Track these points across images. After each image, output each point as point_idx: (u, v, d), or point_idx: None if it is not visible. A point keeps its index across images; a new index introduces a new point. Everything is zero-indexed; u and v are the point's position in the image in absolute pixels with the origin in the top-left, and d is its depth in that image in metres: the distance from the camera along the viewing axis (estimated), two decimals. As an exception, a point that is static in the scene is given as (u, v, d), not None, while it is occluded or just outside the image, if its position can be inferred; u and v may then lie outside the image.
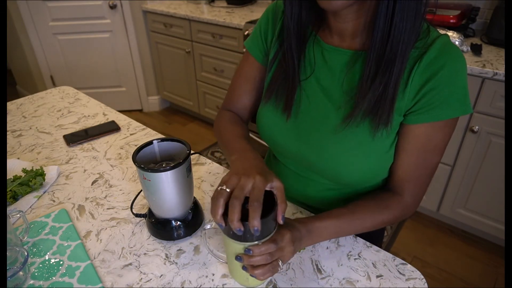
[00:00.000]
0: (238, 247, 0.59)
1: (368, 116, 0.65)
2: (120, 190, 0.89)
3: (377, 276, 0.66)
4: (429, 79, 0.61)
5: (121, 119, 1.20)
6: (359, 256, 0.70)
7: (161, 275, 0.67)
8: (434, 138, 0.66)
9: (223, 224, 0.56)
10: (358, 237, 0.75)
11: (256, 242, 0.58)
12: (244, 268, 0.59)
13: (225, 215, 0.55)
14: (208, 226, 0.64)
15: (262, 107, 0.80)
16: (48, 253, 0.71)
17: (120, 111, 1.27)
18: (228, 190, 0.56)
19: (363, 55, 0.66)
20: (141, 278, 0.67)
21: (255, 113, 0.86)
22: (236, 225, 0.53)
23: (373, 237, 0.79)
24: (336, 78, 0.70)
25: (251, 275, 0.60)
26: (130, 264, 0.70)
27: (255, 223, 0.53)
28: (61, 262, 0.69)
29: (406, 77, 0.63)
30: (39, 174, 0.89)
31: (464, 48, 1.66)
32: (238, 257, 0.59)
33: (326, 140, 0.71)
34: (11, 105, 1.31)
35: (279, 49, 0.74)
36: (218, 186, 0.57)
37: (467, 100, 0.63)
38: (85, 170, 0.96)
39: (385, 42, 0.59)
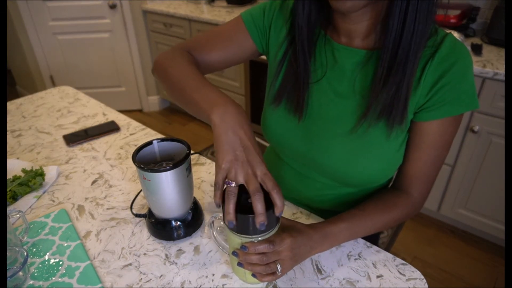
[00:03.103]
0: (237, 241, 0.59)
1: (383, 117, 0.65)
2: (120, 190, 0.89)
3: (377, 276, 0.66)
4: (441, 75, 0.62)
5: (121, 119, 1.20)
6: (359, 256, 0.70)
7: (161, 275, 0.67)
8: (445, 133, 0.67)
9: (234, 222, 0.56)
10: (358, 238, 0.75)
11: (252, 238, 0.58)
12: (239, 264, 0.60)
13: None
14: (213, 218, 0.65)
15: (272, 109, 0.78)
16: (47, 253, 0.71)
17: (120, 111, 1.27)
18: (235, 185, 0.56)
19: (375, 55, 0.66)
20: (141, 278, 0.66)
21: (208, 72, 0.80)
22: (262, 218, 0.54)
23: (369, 236, 0.79)
24: (347, 78, 0.69)
25: (252, 274, 0.60)
26: (130, 264, 0.69)
27: (262, 217, 0.54)
28: (61, 262, 0.69)
29: (418, 75, 0.63)
30: (39, 174, 0.89)
31: (464, 48, 1.66)
32: (234, 252, 0.60)
33: (337, 141, 0.71)
34: (10, 105, 1.31)
35: (287, 50, 0.73)
36: (224, 179, 0.56)
37: (476, 95, 0.64)
38: (84, 170, 0.96)
39: (397, 43, 0.59)
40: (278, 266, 0.59)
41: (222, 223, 0.62)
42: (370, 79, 0.67)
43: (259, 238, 0.58)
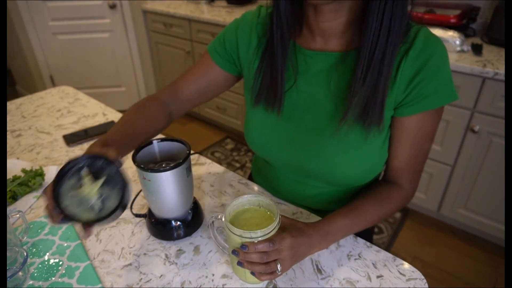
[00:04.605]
0: (237, 241, 0.60)
1: (360, 118, 0.65)
2: (120, 190, 0.89)
3: (377, 277, 0.66)
4: (418, 71, 0.62)
5: (121, 119, 1.20)
6: (359, 256, 0.70)
7: (161, 275, 0.67)
8: (425, 126, 0.67)
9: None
10: (358, 237, 0.75)
11: (252, 238, 0.59)
12: (239, 263, 0.60)
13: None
14: (214, 217, 0.65)
15: (252, 109, 0.78)
16: (47, 253, 0.71)
17: (120, 111, 1.27)
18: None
19: (350, 55, 0.66)
20: (141, 279, 0.66)
21: (191, 108, 0.84)
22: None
23: (363, 234, 0.80)
24: (322, 82, 0.70)
25: (251, 273, 0.60)
26: (130, 264, 0.69)
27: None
28: (61, 263, 0.69)
29: (394, 73, 0.64)
30: (39, 174, 0.89)
31: (465, 48, 1.66)
32: (234, 252, 0.60)
33: (319, 145, 0.71)
34: (10, 105, 1.31)
35: (261, 63, 0.73)
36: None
37: (453, 87, 0.65)
38: (84, 170, 0.96)
39: (375, 42, 0.60)
40: (278, 266, 0.59)
41: (223, 219, 0.62)
42: (346, 79, 0.67)
43: (259, 238, 0.59)
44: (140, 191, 0.85)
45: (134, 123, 0.74)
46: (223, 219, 0.62)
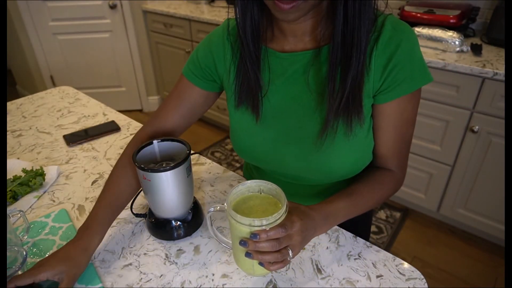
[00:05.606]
0: (244, 230, 0.56)
1: (342, 112, 0.66)
2: (120, 190, 0.89)
3: (377, 276, 0.66)
4: (390, 58, 0.63)
5: (121, 119, 1.21)
6: (359, 256, 0.70)
7: (161, 275, 0.67)
8: (405, 111, 0.69)
9: None
10: (358, 237, 0.75)
11: (263, 226, 0.55)
12: (247, 254, 0.57)
13: None
14: (212, 209, 0.63)
15: (234, 117, 0.78)
16: (48, 253, 0.71)
17: (120, 111, 1.27)
18: None
19: (323, 50, 0.67)
20: (141, 278, 0.67)
21: (181, 132, 0.84)
22: None
23: (360, 227, 0.80)
24: (300, 81, 0.70)
25: (259, 263, 0.57)
26: (130, 264, 0.70)
27: None
28: (61, 262, 0.69)
29: (367, 62, 0.64)
30: (39, 174, 0.89)
31: (464, 48, 1.66)
32: (242, 242, 0.56)
33: (307, 145, 0.71)
34: (11, 105, 1.31)
35: (239, 69, 0.73)
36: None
37: (427, 69, 0.66)
38: (85, 170, 0.96)
39: (347, 36, 0.60)
40: (290, 252, 0.57)
41: (218, 209, 0.61)
42: (322, 74, 0.68)
43: (270, 226, 0.55)
44: (140, 191, 0.85)
45: (111, 204, 0.73)
46: (219, 210, 0.60)
